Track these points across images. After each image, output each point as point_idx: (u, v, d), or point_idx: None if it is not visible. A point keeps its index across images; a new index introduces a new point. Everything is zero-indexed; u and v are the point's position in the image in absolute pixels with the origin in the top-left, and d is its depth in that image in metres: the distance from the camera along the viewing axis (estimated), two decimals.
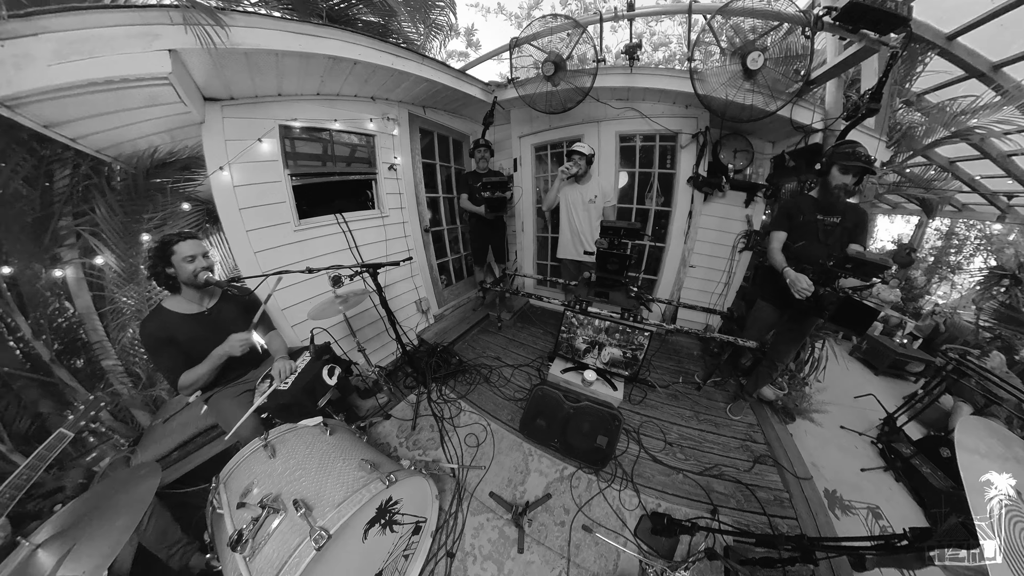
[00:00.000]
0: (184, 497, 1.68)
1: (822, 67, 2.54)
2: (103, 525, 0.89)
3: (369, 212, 2.94)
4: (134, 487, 1.04)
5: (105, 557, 0.77)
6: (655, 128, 3.21)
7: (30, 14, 1.24)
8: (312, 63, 2.12)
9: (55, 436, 1.16)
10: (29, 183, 1.62)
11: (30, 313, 1.58)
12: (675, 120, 3.16)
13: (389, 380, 2.71)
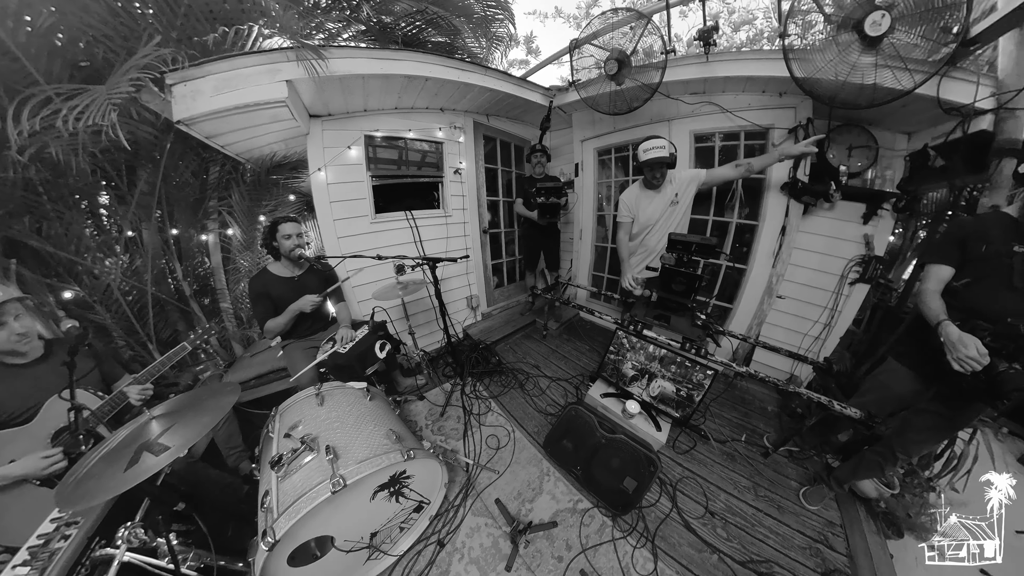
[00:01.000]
0: (250, 416, 2.20)
1: (989, 16, 1.74)
2: (195, 417, 1.16)
3: (434, 211, 3.30)
4: (220, 397, 1.27)
5: (190, 439, 1.05)
6: (738, 124, 2.76)
7: (201, 63, 1.87)
8: (391, 82, 2.52)
9: (180, 346, 1.67)
10: (194, 175, 2.45)
11: (183, 262, 2.39)
12: (765, 113, 2.66)
13: (430, 365, 2.99)
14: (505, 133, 3.59)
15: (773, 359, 2.80)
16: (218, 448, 1.92)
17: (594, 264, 3.91)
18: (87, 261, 1.88)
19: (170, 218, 2.39)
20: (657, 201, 2.50)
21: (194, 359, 1.90)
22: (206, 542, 1.31)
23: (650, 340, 2.17)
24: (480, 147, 3.42)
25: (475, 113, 3.25)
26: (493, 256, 3.86)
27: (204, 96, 1.95)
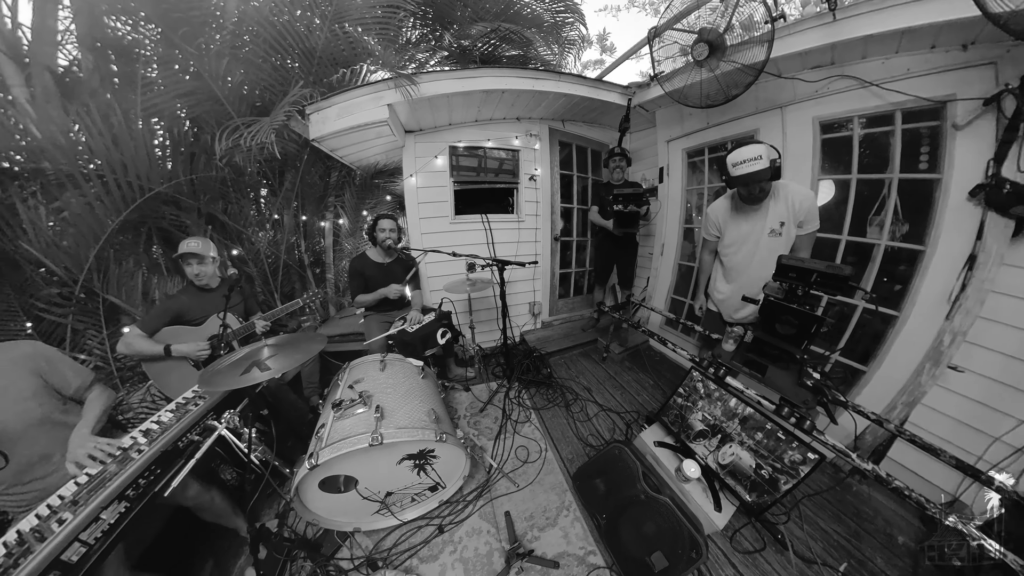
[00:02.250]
0: (328, 363, 2.79)
1: None
2: (292, 352, 1.44)
3: (508, 216, 3.49)
4: (312, 343, 1.56)
5: (285, 367, 1.38)
6: (890, 101, 1.94)
7: (328, 96, 2.59)
8: (471, 98, 2.83)
9: (294, 301, 2.28)
10: (320, 178, 3.28)
11: (307, 240, 3.28)
12: (937, 79, 1.79)
13: (482, 361, 3.15)
14: (581, 138, 3.51)
15: (924, 463, 1.79)
16: (300, 380, 2.50)
17: (675, 286, 3.40)
18: (248, 232, 2.79)
19: (302, 208, 3.20)
20: (753, 224, 1.98)
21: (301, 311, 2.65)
22: (272, 444, 1.68)
23: (733, 392, 1.72)
24: (555, 153, 3.44)
25: (550, 120, 3.31)
26: (562, 265, 3.80)
27: (330, 120, 2.63)
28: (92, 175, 1.86)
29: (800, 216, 1.88)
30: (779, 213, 1.92)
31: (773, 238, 1.93)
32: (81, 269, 1.87)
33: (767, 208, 1.94)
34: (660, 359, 3.29)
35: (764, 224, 1.96)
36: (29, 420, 1.18)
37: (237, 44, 2.30)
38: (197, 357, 1.81)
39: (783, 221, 1.90)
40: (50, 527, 0.94)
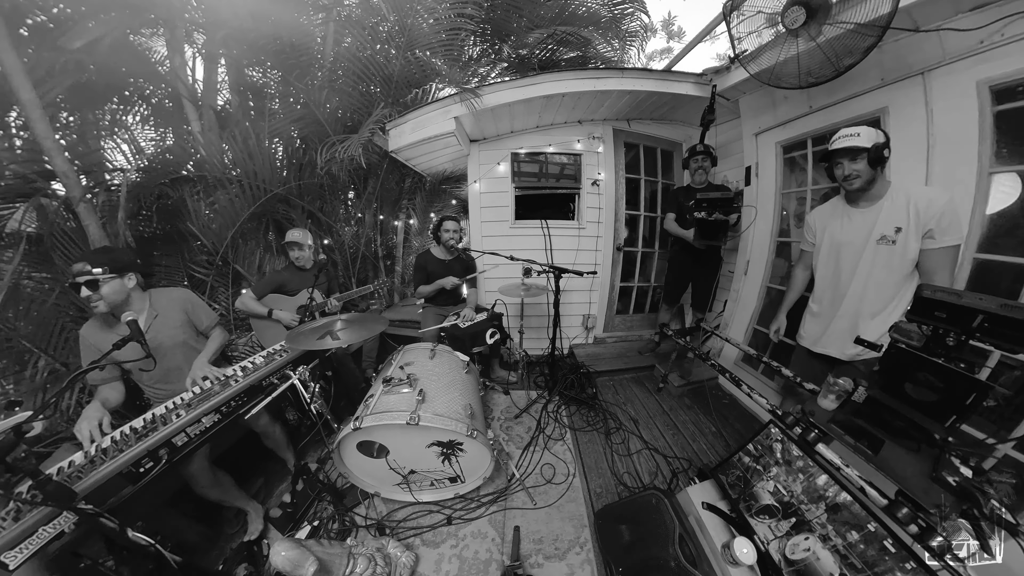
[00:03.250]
0: (386, 342, 3.15)
1: None
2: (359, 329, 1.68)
3: (569, 223, 3.40)
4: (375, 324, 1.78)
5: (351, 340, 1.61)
6: None
7: (403, 113, 2.98)
8: (532, 104, 2.86)
9: (366, 286, 2.70)
10: (396, 183, 3.72)
11: (382, 236, 3.78)
12: None
13: (526, 368, 3.13)
14: (649, 138, 3.15)
15: None
16: (361, 353, 2.89)
17: (759, 315, 2.73)
18: (337, 227, 3.35)
19: (380, 208, 3.67)
20: (859, 227, 1.57)
21: (371, 295, 3.10)
22: (328, 400, 1.98)
23: (824, 465, 1.27)
24: (620, 156, 3.19)
25: (614, 120, 3.08)
26: (623, 277, 3.48)
27: (405, 134, 3.01)
28: (234, 180, 2.59)
29: (928, 222, 1.38)
30: (895, 216, 1.46)
31: (884, 246, 1.49)
32: (221, 245, 2.59)
33: (879, 209, 1.51)
34: (729, 403, 2.72)
35: (873, 228, 1.50)
36: (175, 341, 1.66)
37: (333, 78, 2.86)
38: (289, 324, 2.25)
39: (899, 227, 1.45)
40: (171, 417, 1.35)
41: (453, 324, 2.57)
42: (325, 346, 1.53)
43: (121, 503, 1.15)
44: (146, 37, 2.60)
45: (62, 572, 1.15)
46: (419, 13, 2.64)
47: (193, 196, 2.45)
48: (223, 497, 1.68)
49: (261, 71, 2.99)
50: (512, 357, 3.32)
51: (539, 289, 2.73)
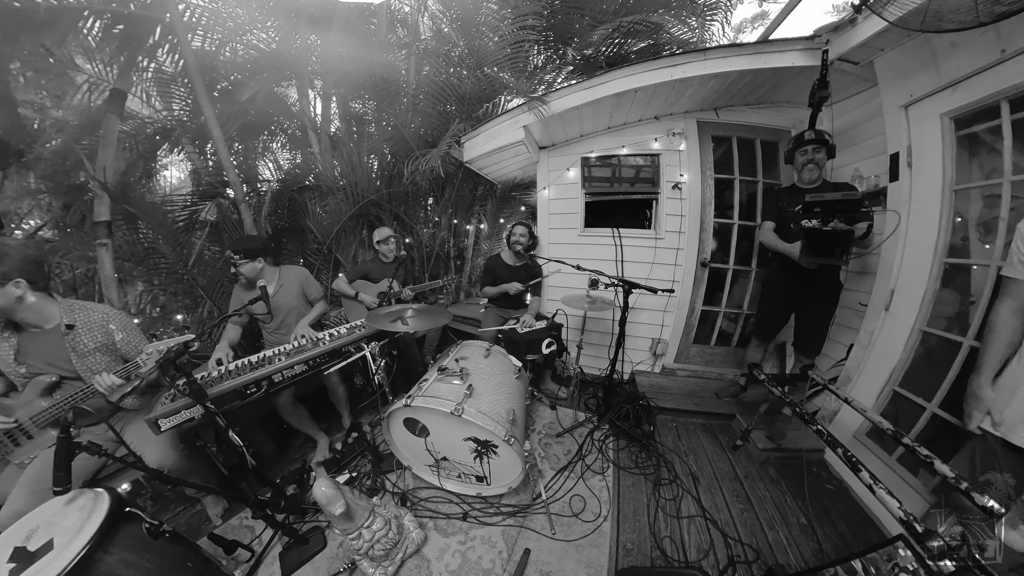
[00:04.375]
0: (447, 334, 3.37)
1: None
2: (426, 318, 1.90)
3: (644, 232, 3.04)
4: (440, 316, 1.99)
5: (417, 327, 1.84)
6: None
7: (476, 127, 3.13)
8: (601, 105, 2.70)
9: (435, 281, 3.00)
10: (469, 191, 3.97)
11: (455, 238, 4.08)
12: None
13: (579, 386, 2.92)
14: (744, 128, 2.53)
15: None
16: (424, 340, 3.13)
17: (906, 370, 1.87)
18: (417, 228, 3.74)
19: (455, 213, 3.96)
20: None
21: (441, 290, 3.42)
22: (389, 375, 2.14)
23: None
24: (707, 153, 2.68)
25: (698, 112, 2.60)
26: (707, 299, 2.93)
27: (478, 146, 3.19)
28: (340, 189, 3.19)
29: None
30: None
31: None
32: (328, 237, 3.23)
33: None
34: (836, 490, 1.94)
35: None
36: (290, 305, 2.21)
37: (416, 102, 3.29)
38: (370, 306, 2.64)
39: None
40: (275, 360, 1.82)
41: (511, 328, 2.61)
42: (395, 329, 1.78)
43: (230, 411, 1.61)
44: (283, 88, 3.47)
45: (185, 443, 1.74)
46: (484, 34, 2.82)
47: (311, 200, 3.18)
48: (299, 424, 2.17)
49: (361, 103, 3.63)
50: (566, 372, 3.14)
51: (605, 303, 2.52)
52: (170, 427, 1.48)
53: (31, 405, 1.44)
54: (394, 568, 1.53)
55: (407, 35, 3.44)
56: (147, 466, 1.30)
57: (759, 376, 2.04)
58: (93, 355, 1.52)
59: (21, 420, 1.41)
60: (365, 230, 3.38)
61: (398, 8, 3.49)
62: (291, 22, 2.78)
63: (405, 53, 3.34)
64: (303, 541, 1.66)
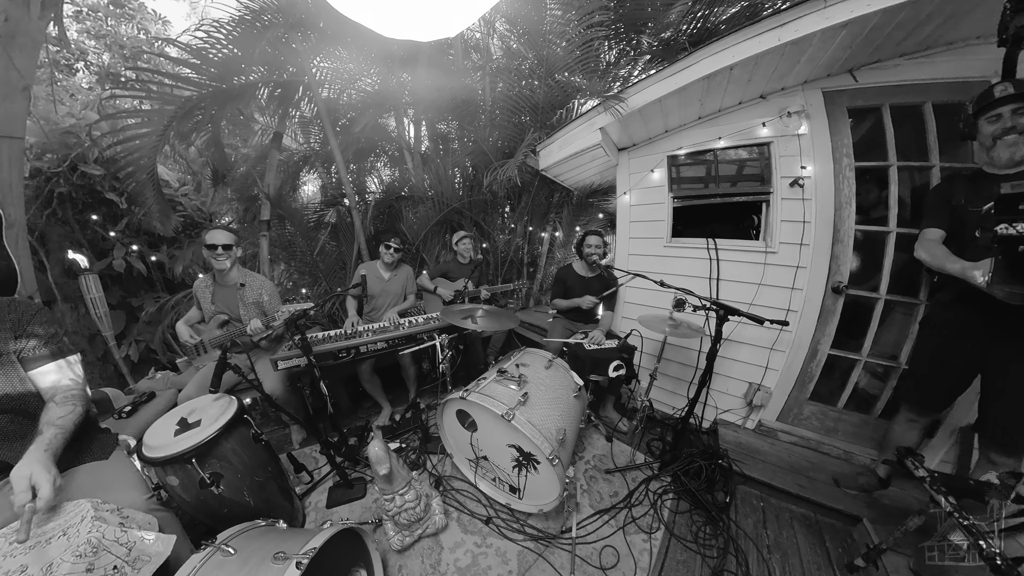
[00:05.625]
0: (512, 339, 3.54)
1: None
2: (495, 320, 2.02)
3: (749, 243, 2.41)
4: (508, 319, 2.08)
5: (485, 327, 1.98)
6: None
7: (551, 134, 3.04)
8: (688, 92, 2.30)
9: (507, 285, 3.12)
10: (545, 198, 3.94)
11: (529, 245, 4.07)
12: None
13: (643, 423, 2.48)
14: (903, 88, 1.71)
15: None
16: (489, 341, 3.24)
17: None
18: (494, 234, 3.87)
19: (530, 221, 3.98)
20: None
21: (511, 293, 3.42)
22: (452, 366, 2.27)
23: None
24: (842, 134, 1.93)
25: (824, 79, 1.91)
26: (837, 340, 2.10)
27: (553, 153, 3.13)
28: (428, 198, 3.59)
29: None
30: None
31: None
32: (416, 239, 3.65)
33: None
34: None
35: None
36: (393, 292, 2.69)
37: (493, 117, 3.44)
38: (446, 299, 2.88)
39: None
40: (363, 335, 2.22)
41: (578, 343, 2.42)
42: (465, 326, 1.93)
43: (324, 367, 1.97)
44: (384, 118, 4.12)
45: (290, 383, 2.16)
46: (551, 42, 2.80)
47: (405, 208, 3.71)
48: (372, 390, 2.56)
49: (445, 124, 4.07)
50: (631, 402, 2.72)
51: (691, 330, 2.12)
52: (284, 368, 2.00)
53: (211, 332, 2.12)
54: (411, 540, 1.63)
55: (480, 58, 3.71)
56: (264, 391, 1.73)
57: (915, 470, 1.30)
58: (250, 307, 2.11)
59: (204, 340, 2.10)
60: (448, 235, 3.75)
61: (470, 36, 3.77)
62: (387, 66, 3.33)
63: (480, 74, 3.58)
64: (349, 485, 1.95)
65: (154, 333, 3.18)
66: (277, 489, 1.67)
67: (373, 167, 4.40)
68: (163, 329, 3.17)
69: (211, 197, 3.79)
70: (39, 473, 0.92)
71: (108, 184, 3.02)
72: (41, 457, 0.96)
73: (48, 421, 1.06)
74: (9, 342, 1.10)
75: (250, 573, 0.98)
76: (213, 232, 2.02)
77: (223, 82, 2.64)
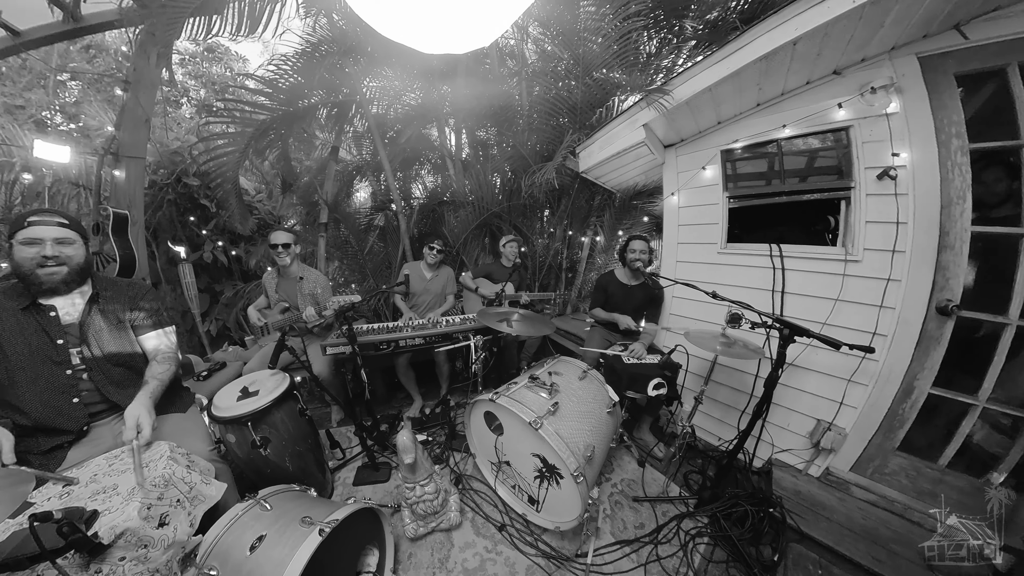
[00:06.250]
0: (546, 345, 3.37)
1: None
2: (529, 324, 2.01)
3: (824, 250, 2.02)
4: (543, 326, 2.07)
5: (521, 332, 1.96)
6: None
7: (591, 135, 2.87)
8: (743, 77, 2.04)
9: (546, 294, 3.28)
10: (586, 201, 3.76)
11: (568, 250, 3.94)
12: None
13: (683, 450, 2.15)
14: None
15: None
16: (523, 345, 3.15)
17: None
18: (532, 238, 3.86)
19: (570, 225, 3.84)
20: None
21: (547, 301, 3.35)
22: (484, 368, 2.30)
23: None
24: (950, 108, 1.52)
25: (918, 41, 1.48)
26: (943, 375, 1.64)
27: (594, 154, 2.99)
28: (468, 203, 3.69)
29: None
30: None
31: None
32: (457, 242, 3.76)
33: None
34: None
35: None
36: (434, 291, 2.83)
37: (530, 121, 3.42)
38: (487, 298, 2.96)
39: None
40: (403, 330, 2.41)
41: (616, 355, 2.24)
42: (500, 328, 1.94)
43: (366, 356, 2.14)
44: (427, 129, 4.31)
45: (335, 367, 2.37)
46: (586, 40, 2.70)
47: (447, 212, 3.84)
48: (406, 383, 2.69)
49: (484, 130, 4.15)
50: (670, 426, 2.45)
51: (747, 350, 1.86)
52: (331, 353, 2.23)
53: (274, 317, 2.44)
54: (425, 531, 1.67)
55: (515, 64, 3.72)
56: (312, 372, 1.93)
57: None
58: (306, 298, 2.37)
59: (268, 323, 2.42)
60: (487, 238, 3.84)
61: (504, 43, 3.81)
62: (428, 80, 3.53)
63: (516, 80, 3.60)
64: (375, 468, 2.08)
65: (229, 314, 3.82)
66: (313, 460, 1.85)
67: (418, 174, 4.68)
68: (237, 311, 3.79)
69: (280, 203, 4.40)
70: (144, 416, 1.17)
71: (202, 192, 3.70)
72: (146, 403, 1.22)
73: (152, 375, 1.35)
74: (126, 312, 1.40)
75: (281, 529, 1.13)
76: (276, 233, 2.32)
77: (290, 106, 3.02)
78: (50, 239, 1.20)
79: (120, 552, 0.92)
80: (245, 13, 2.50)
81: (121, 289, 1.42)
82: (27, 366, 1.19)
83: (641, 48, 2.73)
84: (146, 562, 0.97)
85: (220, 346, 3.45)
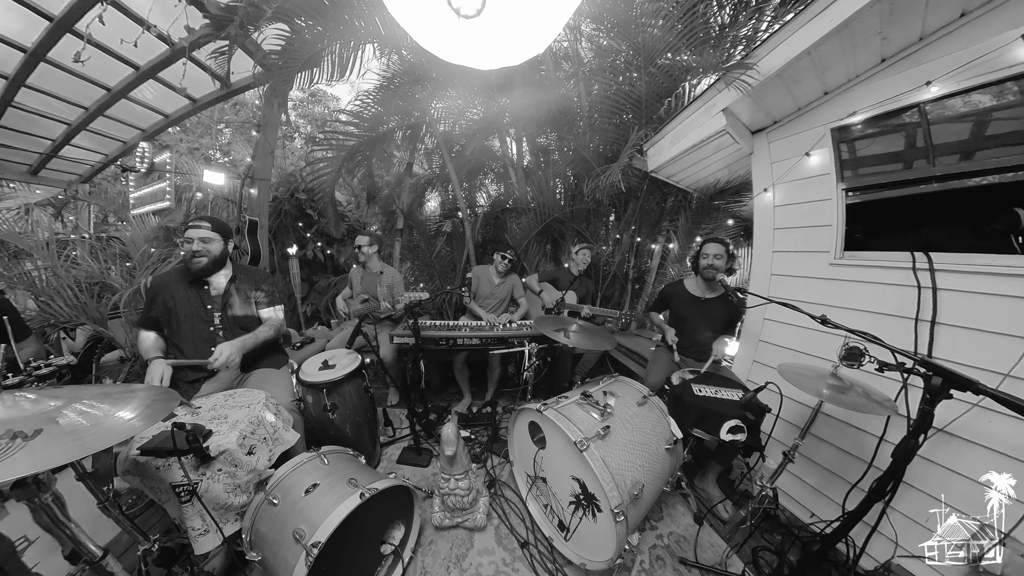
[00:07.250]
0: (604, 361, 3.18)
1: None
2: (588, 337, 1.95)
3: (1004, 259, 1.36)
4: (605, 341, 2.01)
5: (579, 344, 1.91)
6: None
7: (660, 129, 2.48)
8: (854, 28, 1.55)
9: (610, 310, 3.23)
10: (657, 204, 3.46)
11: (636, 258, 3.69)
12: None
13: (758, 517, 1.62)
14: None
15: None
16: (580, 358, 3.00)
17: None
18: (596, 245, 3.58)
19: (638, 230, 3.61)
20: None
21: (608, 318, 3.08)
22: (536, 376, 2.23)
23: None
24: None
25: None
26: None
27: (664, 150, 2.65)
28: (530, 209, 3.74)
29: None
30: None
31: None
32: (519, 248, 3.83)
33: None
34: None
35: None
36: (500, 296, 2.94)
37: (591, 122, 3.24)
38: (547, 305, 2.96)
39: None
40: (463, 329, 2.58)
41: (685, 382, 1.85)
42: (556, 338, 1.94)
43: (426, 349, 2.41)
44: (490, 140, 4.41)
45: (399, 355, 2.68)
46: (645, 25, 2.41)
47: (509, 219, 3.98)
48: (460, 379, 2.85)
49: (545, 137, 4.11)
50: (746, 483, 2.00)
51: (868, 400, 1.31)
52: (397, 342, 2.52)
53: (355, 305, 2.86)
54: (449, 524, 1.74)
55: (571, 65, 3.60)
56: (379, 355, 2.30)
57: None
58: (383, 291, 2.76)
59: (350, 310, 2.88)
60: (549, 244, 3.84)
61: (558, 47, 3.71)
62: (488, 95, 3.71)
63: (573, 82, 3.45)
64: (418, 452, 2.25)
65: (321, 300, 4.59)
66: (368, 432, 2.11)
67: (482, 184, 4.92)
68: (327, 299, 4.54)
69: (365, 211, 5.19)
70: (227, 348, 1.60)
71: (308, 204, 4.60)
72: (238, 344, 1.66)
73: (255, 333, 1.80)
74: (252, 291, 1.88)
75: (332, 483, 1.33)
76: (358, 237, 2.84)
77: (372, 131, 3.50)
78: (197, 238, 1.69)
79: (219, 465, 1.21)
80: (336, 63, 3.02)
81: (250, 274, 1.93)
82: (188, 321, 1.71)
83: (711, 21, 2.28)
84: (234, 478, 1.25)
85: (312, 325, 4.29)
